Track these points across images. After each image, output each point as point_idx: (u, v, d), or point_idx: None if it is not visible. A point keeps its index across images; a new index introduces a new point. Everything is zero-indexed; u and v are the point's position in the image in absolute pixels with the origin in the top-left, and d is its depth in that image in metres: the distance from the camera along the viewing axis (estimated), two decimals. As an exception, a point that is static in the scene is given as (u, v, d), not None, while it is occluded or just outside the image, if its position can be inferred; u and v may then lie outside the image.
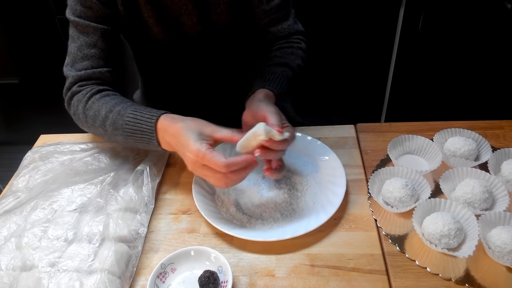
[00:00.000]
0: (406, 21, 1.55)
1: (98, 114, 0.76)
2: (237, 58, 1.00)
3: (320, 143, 0.84)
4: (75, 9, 0.78)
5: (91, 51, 0.79)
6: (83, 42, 0.79)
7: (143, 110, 0.73)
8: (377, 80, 1.77)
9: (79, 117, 0.79)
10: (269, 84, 0.80)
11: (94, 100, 0.77)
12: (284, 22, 0.91)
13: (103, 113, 0.75)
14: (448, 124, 0.85)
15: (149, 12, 0.82)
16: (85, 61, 0.79)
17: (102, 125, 0.76)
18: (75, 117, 0.81)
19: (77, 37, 0.79)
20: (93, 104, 0.77)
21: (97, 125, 0.76)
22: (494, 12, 1.49)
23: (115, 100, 0.77)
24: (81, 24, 0.78)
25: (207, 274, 0.61)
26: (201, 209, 0.72)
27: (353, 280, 0.63)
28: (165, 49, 0.91)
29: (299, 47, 0.91)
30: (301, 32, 0.94)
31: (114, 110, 0.75)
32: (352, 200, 0.76)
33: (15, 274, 0.64)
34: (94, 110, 0.76)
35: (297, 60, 0.88)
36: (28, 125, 1.90)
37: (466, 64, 1.63)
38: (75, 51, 0.80)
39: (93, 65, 0.80)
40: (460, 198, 0.69)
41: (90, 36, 0.79)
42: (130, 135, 0.73)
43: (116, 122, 0.74)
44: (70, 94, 0.80)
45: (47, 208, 0.74)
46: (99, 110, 0.76)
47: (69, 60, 0.81)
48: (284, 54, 0.89)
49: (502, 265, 0.62)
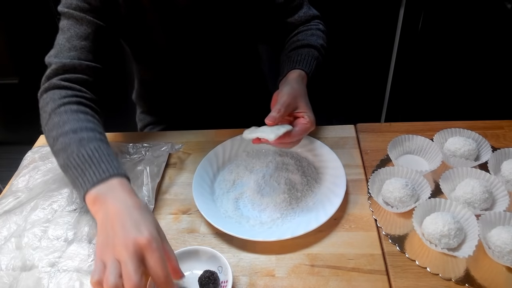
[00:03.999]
0: (406, 21, 1.55)
1: (60, 126, 0.66)
2: (236, 58, 1.00)
3: (320, 143, 0.84)
4: (70, 3, 0.74)
5: (82, 43, 0.73)
6: (73, 33, 0.73)
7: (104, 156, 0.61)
8: (377, 80, 1.77)
9: (43, 116, 0.70)
10: (299, 64, 0.80)
11: (67, 109, 0.68)
12: (300, 10, 0.92)
13: (66, 129, 0.65)
14: (448, 124, 0.85)
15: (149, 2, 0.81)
16: (72, 51, 0.73)
17: (54, 138, 0.65)
18: (41, 110, 0.72)
19: (67, 28, 0.74)
20: (62, 114, 0.67)
21: (51, 135, 0.66)
22: (494, 12, 1.49)
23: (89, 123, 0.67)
24: (75, 16, 0.74)
25: (207, 274, 0.61)
26: (201, 209, 0.72)
27: (353, 280, 0.63)
28: (164, 48, 0.91)
29: (318, 29, 0.92)
30: (317, 16, 0.95)
31: (78, 133, 0.64)
32: (352, 200, 0.76)
33: (15, 274, 0.64)
34: (60, 118, 0.67)
35: (319, 40, 0.89)
36: (28, 125, 1.89)
37: (466, 64, 1.63)
38: (63, 42, 0.74)
39: (80, 57, 0.73)
40: (460, 198, 0.69)
41: (83, 28, 0.74)
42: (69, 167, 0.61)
43: (69, 145, 0.62)
44: (47, 85, 0.72)
45: (47, 208, 0.74)
46: (64, 123, 0.66)
47: (54, 51, 0.74)
48: (306, 36, 0.89)
49: (502, 265, 0.62)
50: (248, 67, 1.08)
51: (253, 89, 1.12)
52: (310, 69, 0.81)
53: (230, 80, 1.02)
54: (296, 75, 0.78)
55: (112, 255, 0.50)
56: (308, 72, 0.80)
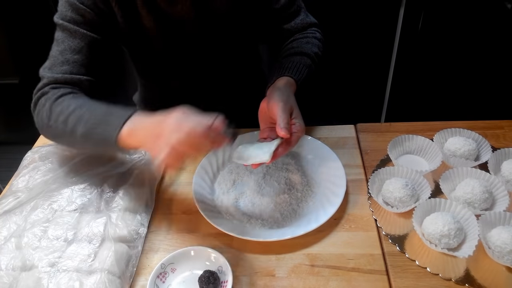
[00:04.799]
0: (406, 21, 1.55)
1: (65, 109, 0.69)
2: (236, 59, 1.00)
3: (320, 143, 0.84)
4: (65, 15, 0.75)
5: (74, 57, 0.74)
6: (67, 47, 0.74)
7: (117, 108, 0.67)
8: (377, 80, 1.77)
9: (42, 116, 0.72)
10: (289, 71, 0.80)
11: (65, 98, 0.71)
12: (297, 17, 0.92)
13: (71, 108, 0.68)
14: (448, 124, 0.85)
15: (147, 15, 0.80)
16: (65, 65, 0.74)
17: (64, 121, 0.68)
18: (37, 117, 0.74)
19: (61, 41, 0.75)
20: (63, 101, 0.70)
21: (59, 121, 0.69)
22: (494, 12, 1.49)
23: (91, 101, 0.71)
24: (69, 28, 0.74)
25: (207, 274, 0.61)
26: (201, 209, 0.72)
27: (353, 280, 0.63)
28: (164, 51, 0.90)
29: (314, 37, 0.91)
30: (314, 24, 0.94)
31: (86, 104, 0.69)
32: (352, 200, 0.76)
33: (15, 274, 0.64)
34: (62, 106, 0.70)
35: (314, 48, 0.88)
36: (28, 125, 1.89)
37: (466, 64, 1.63)
38: (56, 54, 0.75)
39: (72, 71, 0.74)
40: (460, 198, 0.69)
41: (76, 41, 0.75)
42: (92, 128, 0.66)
43: (82, 116, 0.67)
44: (39, 94, 0.74)
45: (47, 208, 0.74)
46: (68, 106, 0.69)
47: (48, 63, 0.76)
48: (300, 44, 0.89)
49: (502, 265, 0.62)
50: (249, 67, 1.07)
51: (254, 89, 1.11)
52: (300, 77, 0.80)
53: (231, 81, 1.02)
54: (284, 82, 0.77)
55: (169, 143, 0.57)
56: (297, 79, 0.79)
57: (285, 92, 0.73)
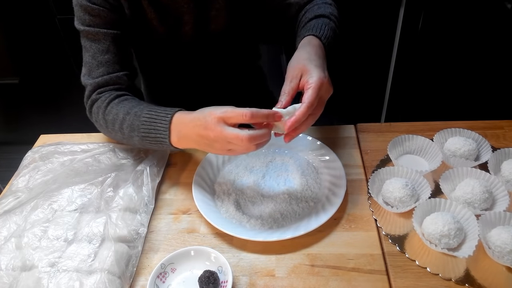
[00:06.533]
0: (406, 21, 1.55)
1: (117, 117, 0.76)
2: (237, 56, 1.00)
3: (320, 143, 0.84)
4: (84, 19, 0.79)
5: (105, 57, 0.79)
6: (96, 50, 0.79)
7: (158, 109, 0.72)
8: (377, 80, 1.77)
9: (100, 123, 0.80)
10: (307, 32, 0.76)
11: (113, 105, 0.77)
12: None
13: (121, 116, 0.75)
14: (448, 124, 0.85)
15: (152, 13, 0.83)
16: (100, 68, 0.79)
17: (120, 129, 0.76)
18: (97, 124, 0.82)
19: (89, 46, 0.80)
20: (112, 109, 0.77)
21: (116, 128, 0.76)
22: (494, 12, 1.49)
23: (133, 103, 0.77)
24: (91, 32, 0.78)
25: (207, 274, 0.61)
26: (201, 209, 0.72)
27: (353, 280, 0.63)
28: (166, 48, 0.91)
29: (324, 2, 0.86)
30: None
31: (132, 112, 0.74)
32: (352, 200, 0.76)
33: (15, 274, 0.64)
34: (112, 114, 0.76)
35: (328, 9, 0.83)
36: (28, 125, 1.90)
37: (466, 64, 1.63)
38: (89, 59, 0.80)
39: (109, 71, 0.80)
40: (460, 198, 0.69)
41: (101, 42, 0.79)
42: (146, 136, 0.72)
43: (133, 123, 0.73)
44: (90, 102, 0.80)
45: (47, 208, 0.74)
46: (117, 114, 0.76)
47: (86, 70, 0.81)
48: (313, 11, 0.84)
49: (502, 265, 0.62)
50: (248, 64, 1.08)
51: (253, 87, 1.12)
52: (322, 33, 0.75)
53: (230, 78, 1.02)
54: (302, 43, 0.74)
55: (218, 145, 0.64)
56: (320, 36, 0.75)
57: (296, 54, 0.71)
